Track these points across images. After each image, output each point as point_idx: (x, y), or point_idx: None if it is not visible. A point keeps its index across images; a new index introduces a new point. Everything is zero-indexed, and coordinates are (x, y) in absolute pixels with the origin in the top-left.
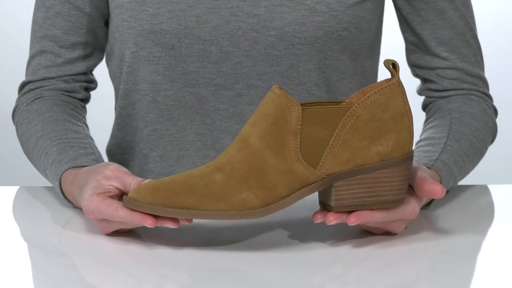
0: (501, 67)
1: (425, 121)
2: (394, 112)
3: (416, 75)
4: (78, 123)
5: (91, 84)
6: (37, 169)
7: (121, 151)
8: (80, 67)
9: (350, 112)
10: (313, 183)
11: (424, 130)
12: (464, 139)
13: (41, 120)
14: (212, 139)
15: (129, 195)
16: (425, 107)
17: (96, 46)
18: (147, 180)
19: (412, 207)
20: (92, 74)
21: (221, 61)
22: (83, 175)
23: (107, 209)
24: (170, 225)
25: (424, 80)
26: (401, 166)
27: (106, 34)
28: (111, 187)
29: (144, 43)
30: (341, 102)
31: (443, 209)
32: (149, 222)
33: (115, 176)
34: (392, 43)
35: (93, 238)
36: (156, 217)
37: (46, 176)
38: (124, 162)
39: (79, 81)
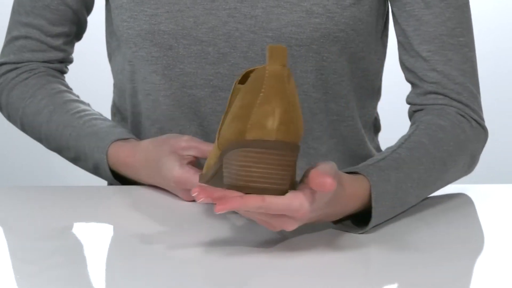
0: (501, 67)
1: None
2: (251, 96)
3: (406, 79)
4: (75, 93)
5: (70, 62)
6: (48, 141)
7: None
8: (64, 52)
9: (239, 91)
10: (220, 155)
11: None
12: (418, 148)
13: (45, 93)
14: (209, 142)
15: None
16: (410, 118)
17: (78, 31)
18: None
19: (298, 203)
20: (70, 56)
21: (218, 62)
22: (151, 148)
23: None
24: None
25: (411, 85)
26: (235, 151)
27: (86, 22)
28: (189, 157)
29: (142, 43)
30: None
31: (438, 215)
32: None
33: (191, 146)
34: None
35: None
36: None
37: (68, 149)
38: None
39: (62, 62)
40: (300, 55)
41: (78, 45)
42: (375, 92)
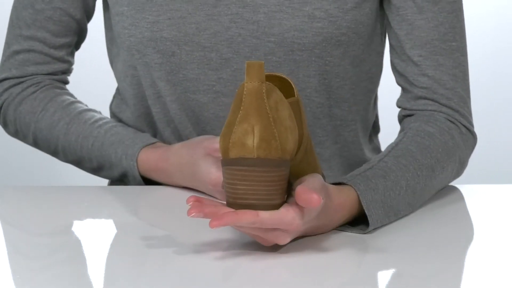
0: (501, 67)
1: None
2: (232, 113)
3: (397, 83)
4: (84, 103)
5: (71, 73)
6: (66, 154)
7: None
8: (67, 63)
9: None
10: None
11: None
12: (405, 156)
13: (57, 106)
14: None
15: None
16: (400, 122)
17: (79, 41)
18: None
19: (291, 217)
20: (72, 66)
21: (221, 68)
22: (184, 151)
23: None
24: None
25: (402, 89)
26: (224, 168)
27: (86, 30)
28: None
29: (145, 50)
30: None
31: (430, 212)
32: None
33: None
34: None
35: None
36: None
37: (89, 159)
38: None
39: (64, 73)
40: (303, 59)
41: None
42: (375, 94)
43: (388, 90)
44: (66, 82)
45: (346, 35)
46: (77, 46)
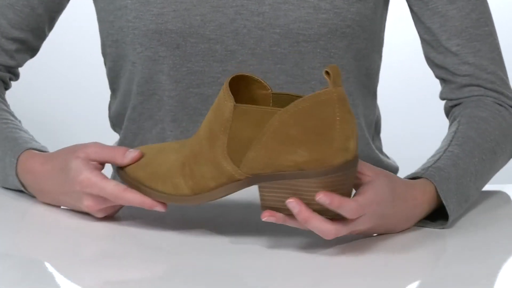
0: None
1: None
2: (318, 122)
3: (436, 76)
4: (8, 106)
5: (15, 77)
6: None
7: None
8: (14, 60)
9: (275, 116)
10: (238, 180)
11: None
12: (468, 142)
13: None
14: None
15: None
16: (447, 114)
17: (32, 45)
18: (133, 150)
19: (367, 196)
20: (17, 69)
21: (226, 60)
22: (59, 156)
23: (111, 187)
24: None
25: (443, 81)
26: (319, 179)
27: (45, 36)
28: (95, 162)
29: (149, 43)
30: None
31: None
32: (160, 207)
33: (97, 151)
34: (395, 45)
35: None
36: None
37: None
38: None
39: (9, 72)
40: (308, 51)
41: (77, 50)
42: (375, 92)
43: (388, 91)
44: (6, 84)
45: (351, 27)
46: (32, 51)
